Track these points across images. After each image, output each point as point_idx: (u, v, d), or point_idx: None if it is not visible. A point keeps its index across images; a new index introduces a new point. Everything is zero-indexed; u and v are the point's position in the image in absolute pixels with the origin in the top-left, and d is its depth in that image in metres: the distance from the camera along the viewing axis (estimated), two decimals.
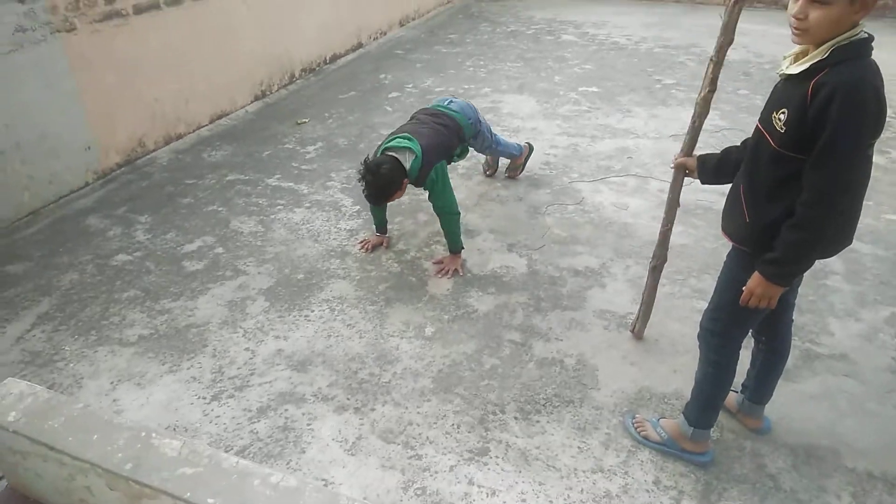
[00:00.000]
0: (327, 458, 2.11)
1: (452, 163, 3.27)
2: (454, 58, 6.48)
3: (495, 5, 8.81)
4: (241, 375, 2.48)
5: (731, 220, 1.82)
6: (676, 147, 4.31)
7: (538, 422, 2.26)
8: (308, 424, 2.25)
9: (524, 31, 7.44)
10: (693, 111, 2.09)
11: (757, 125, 1.71)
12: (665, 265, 2.47)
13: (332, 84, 5.81)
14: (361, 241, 3.31)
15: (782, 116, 1.57)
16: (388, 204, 3.12)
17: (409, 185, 2.86)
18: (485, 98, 5.36)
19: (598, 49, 6.69)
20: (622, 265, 3.13)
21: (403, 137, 2.83)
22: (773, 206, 1.65)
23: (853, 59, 1.47)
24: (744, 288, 1.73)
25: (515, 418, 2.27)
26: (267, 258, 3.22)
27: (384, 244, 3.31)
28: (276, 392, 2.40)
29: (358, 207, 3.68)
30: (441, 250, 3.27)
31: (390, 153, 2.80)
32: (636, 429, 2.18)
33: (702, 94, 2.03)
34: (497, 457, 2.12)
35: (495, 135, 3.62)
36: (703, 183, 2.09)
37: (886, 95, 1.49)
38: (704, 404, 2.04)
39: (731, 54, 2.00)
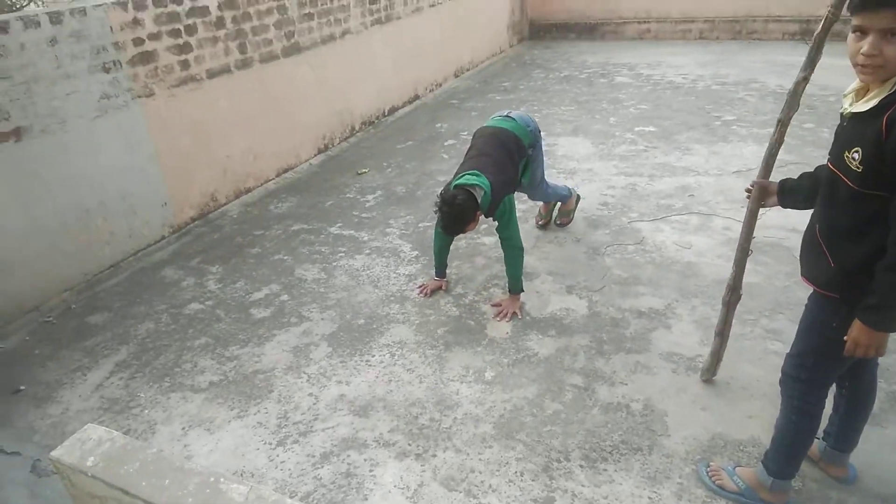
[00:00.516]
0: None
1: (522, 185, 3.37)
2: (508, 104, 6.59)
3: (548, 52, 8.96)
4: (304, 421, 2.52)
5: (813, 266, 1.73)
6: (740, 184, 4.25)
7: (605, 470, 2.18)
8: (370, 471, 2.25)
9: (577, 75, 7.52)
10: (773, 134, 2.04)
11: (828, 166, 1.65)
12: (737, 303, 2.37)
13: (391, 135, 6.01)
14: (420, 287, 3.35)
15: (856, 155, 1.51)
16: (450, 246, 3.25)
17: (481, 217, 2.98)
18: None
19: (654, 89, 6.66)
20: (688, 305, 3.03)
21: (472, 174, 2.90)
22: (858, 248, 1.57)
23: None
24: (845, 338, 1.63)
25: (581, 466, 2.20)
26: (329, 304, 3.30)
27: (443, 288, 3.34)
28: (339, 437, 2.41)
29: (416, 253, 3.73)
30: (499, 293, 3.26)
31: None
32: (711, 478, 2.07)
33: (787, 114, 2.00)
34: None
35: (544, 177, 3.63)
36: (783, 206, 2.01)
37: None
38: (787, 454, 1.92)
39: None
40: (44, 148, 3.40)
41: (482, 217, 2.96)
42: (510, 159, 3.10)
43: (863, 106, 1.51)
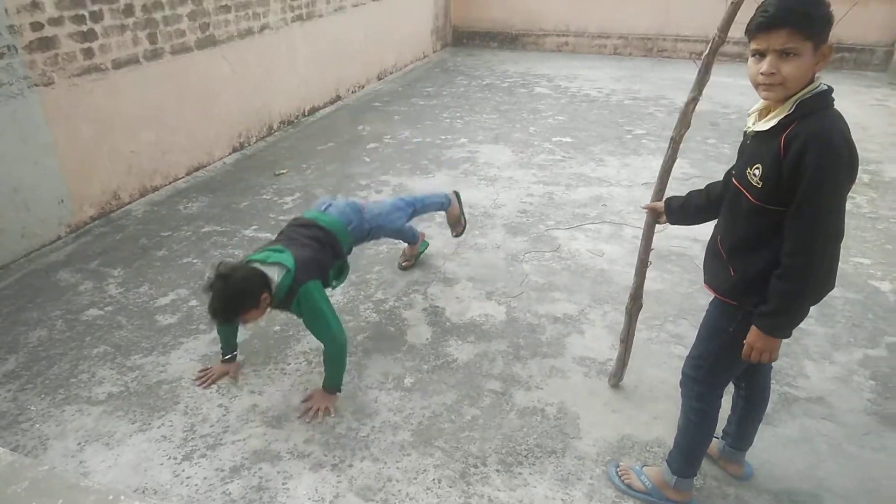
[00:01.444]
0: None
1: (332, 287, 2.71)
2: (431, 110, 6.62)
3: (470, 59, 9.08)
4: (213, 433, 2.40)
5: (715, 274, 1.83)
6: (648, 195, 4.43)
7: (520, 474, 2.21)
8: (283, 483, 2.18)
9: (499, 84, 7.66)
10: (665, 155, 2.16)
11: (732, 181, 1.75)
12: (641, 311, 2.49)
13: (311, 136, 5.88)
14: (199, 372, 2.69)
15: (757, 172, 1.61)
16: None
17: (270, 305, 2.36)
18: (461, 148, 5.45)
19: (571, 101, 6.89)
20: (600, 311, 3.15)
21: (273, 250, 2.40)
22: (757, 258, 1.67)
23: (819, 110, 1.54)
24: (745, 341, 1.72)
25: (497, 471, 2.23)
26: None
27: (231, 374, 2.67)
28: (250, 450, 2.32)
29: None
30: (420, 300, 3.26)
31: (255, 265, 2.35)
32: (620, 477, 2.15)
33: (679, 132, 2.10)
34: None
35: (408, 202, 3.20)
36: (671, 223, 2.14)
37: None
38: (687, 453, 2.03)
39: (698, 106, 2.07)
40: None
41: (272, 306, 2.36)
42: (320, 248, 2.58)
43: (764, 125, 1.61)
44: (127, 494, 1.68)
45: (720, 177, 1.95)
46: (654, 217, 2.25)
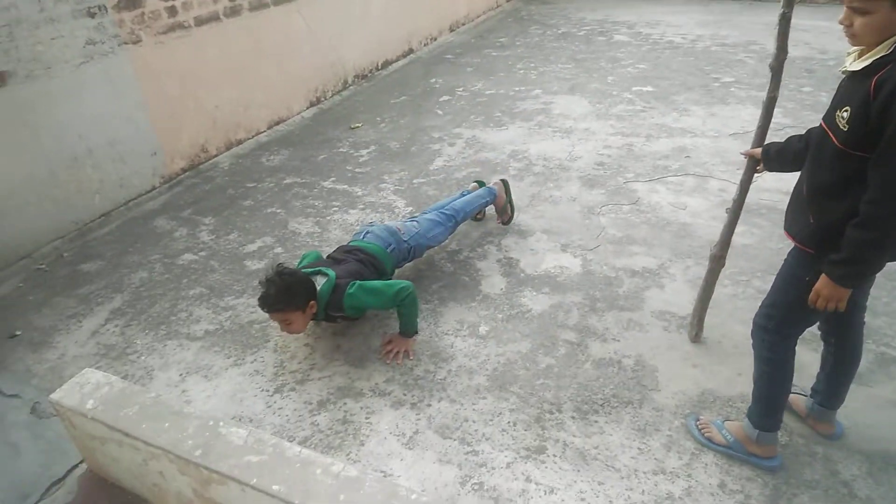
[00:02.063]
0: (385, 451, 2.14)
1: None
2: (504, 61, 6.48)
3: (545, 8, 8.77)
4: (301, 370, 2.54)
5: (795, 221, 1.78)
6: (737, 146, 4.24)
7: (596, 422, 2.23)
8: (366, 418, 2.29)
9: (575, 32, 7.39)
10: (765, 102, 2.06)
11: (821, 123, 1.67)
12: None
13: (384, 89, 5.90)
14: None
15: (845, 114, 1.53)
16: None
17: (317, 317, 2.53)
18: (536, 100, 5.34)
19: (653, 48, 6.57)
20: (681, 265, 3.06)
21: (318, 268, 2.58)
22: (837, 206, 1.60)
23: None
24: (814, 289, 1.68)
25: (572, 417, 2.25)
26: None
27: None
28: (335, 386, 2.44)
29: (411, 209, 3.72)
30: (493, 251, 3.27)
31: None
32: (700, 430, 2.12)
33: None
34: (555, 455, 2.10)
35: (448, 215, 3.12)
36: (769, 171, 2.06)
37: None
38: (765, 405, 1.98)
39: (794, 51, 1.97)
40: (29, 93, 3.32)
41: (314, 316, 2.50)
42: (363, 267, 2.68)
43: (858, 65, 1.52)
44: (225, 421, 1.82)
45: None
46: (753, 168, 2.17)
